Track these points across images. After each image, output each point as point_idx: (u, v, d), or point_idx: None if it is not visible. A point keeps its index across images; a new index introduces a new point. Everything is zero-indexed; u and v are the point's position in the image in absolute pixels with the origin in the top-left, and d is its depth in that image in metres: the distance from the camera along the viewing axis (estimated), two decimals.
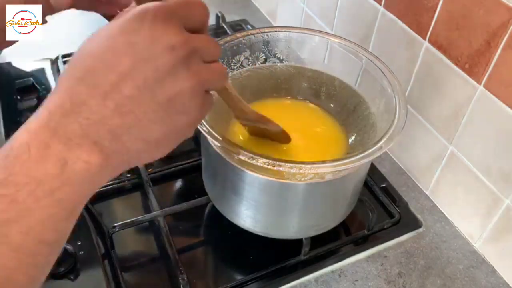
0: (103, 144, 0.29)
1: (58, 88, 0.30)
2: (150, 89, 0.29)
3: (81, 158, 0.28)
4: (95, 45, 0.30)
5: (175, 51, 0.29)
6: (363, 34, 0.69)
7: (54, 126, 0.28)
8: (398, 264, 0.57)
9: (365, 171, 0.53)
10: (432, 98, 0.60)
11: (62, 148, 0.28)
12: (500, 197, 0.54)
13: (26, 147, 0.27)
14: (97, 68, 0.29)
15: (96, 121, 0.28)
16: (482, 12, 0.49)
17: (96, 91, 0.28)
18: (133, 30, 0.29)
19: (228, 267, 0.56)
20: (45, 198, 0.27)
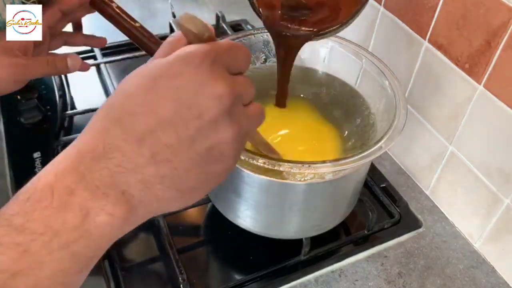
0: (132, 194, 0.27)
1: (92, 127, 0.28)
2: (190, 138, 0.27)
3: (105, 209, 0.26)
4: (136, 85, 0.27)
5: (221, 101, 0.27)
6: (363, 34, 0.69)
7: (83, 171, 0.26)
8: (398, 264, 0.57)
9: (365, 171, 0.53)
10: (432, 98, 0.60)
11: (87, 197, 0.26)
12: (500, 197, 0.54)
13: (50, 191, 0.26)
14: (135, 111, 0.27)
15: (129, 169, 0.26)
16: (482, 12, 0.49)
17: (133, 137, 0.26)
18: (178, 73, 0.27)
19: (228, 267, 0.55)
20: (59, 251, 0.25)
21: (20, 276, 0.24)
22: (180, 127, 0.27)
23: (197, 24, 0.29)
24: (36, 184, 0.26)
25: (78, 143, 0.27)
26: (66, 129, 0.69)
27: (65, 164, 0.26)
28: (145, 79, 0.27)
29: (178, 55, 0.28)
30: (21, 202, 0.25)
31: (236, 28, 0.91)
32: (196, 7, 1.00)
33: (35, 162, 0.63)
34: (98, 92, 0.77)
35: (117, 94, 0.28)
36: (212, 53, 0.28)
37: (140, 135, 0.26)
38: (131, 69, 0.29)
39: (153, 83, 0.27)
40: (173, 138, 0.27)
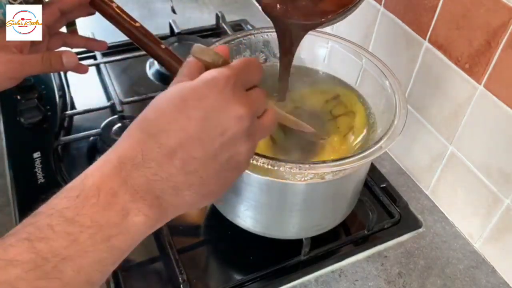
0: (164, 199, 0.31)
1: (131, 137, 0.32)
2: (214, 151, 0.32)
3: (142, 211, 0.30)
4: (168, 105, 0.32)
5: (241, 121, 0.32)
6: (363, 34, 0.69)
7: (124, 177, 0.30)
8: (398, 264, 0.57)
9: (365, 171, 0.53)
10: (432, 98, 0.60)
11: (128, 199, 0.30)
12: (500, 197, 0.54)
13: (97, 191, 0.29)
14: (169, 129, 0.31)
15: (163, 178, 0.31)
16: (482, 12, 0.49)
17: (166, 150, 0.31)
18: (204, 96, 0.31)
19: (228, 267, 0.55)
20: (101, 243, 0.29)
21: (68, 260, 0.28)
22: (207, 143, 0.31)
23: (210, 55, 0.34)
24: (84, 182, 0.30)
25: (119, 149, 0.31)
26: (66, 129, 0.69)
27: (108, 168, 0.30)
28: (176, 100, 0.32)
29: (203, 80, 0.32)
30: (71, 198, 0.29)
31: (236, 28, 0.91)
32: (196, 7, 1.00)
33: (35, 162, 0.63)
34: (98, 92, 0.77)
35: (151, 109, 0.32)
36: (232, 78, 0.32)
37: (172, 149, 0.31)
38: (131, 69, 0.30)
39: (182, 104, 0.31)
40: (200, 152, 0.31)
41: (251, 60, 0.35)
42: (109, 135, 0.66)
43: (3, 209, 0.59)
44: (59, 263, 0.27)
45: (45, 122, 0.70)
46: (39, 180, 0.61)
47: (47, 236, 0.28)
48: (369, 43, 0.68)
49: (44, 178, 0.61)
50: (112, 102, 0.71)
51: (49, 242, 0.27)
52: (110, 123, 0.68)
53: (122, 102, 0.71)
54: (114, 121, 0.68)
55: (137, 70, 0.81)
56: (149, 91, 0.75)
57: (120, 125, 0.67)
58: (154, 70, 0.80)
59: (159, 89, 0.75)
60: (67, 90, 0.75)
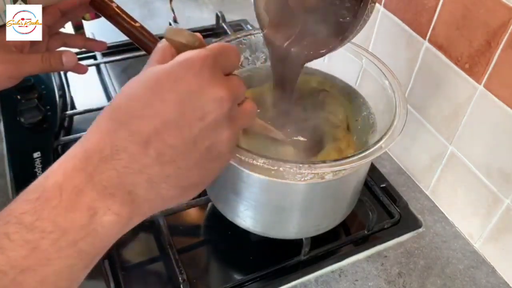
0: (137, 194, 0.28)
1: (98, 127, 0.29)
2: (193, 138, 0.29)
3: (111, 209, 0.27)
4: (141, 89, 0.29)
5: (221, 104, 0.29)
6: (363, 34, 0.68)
7: (91, 172, 0.27)
8: (398, 264, 0.57)
9: (365, 171, 0.53)
10: (432, 98, 0.60)
11: (95, 197, 0.27)
12: (500, 197, 0.54)
13: (59, 191, 0.27)
14: (142, 114, 0.28)
15: (135, 170, 0.28)
16: (482, 12, 0.49)
17: (139, 138, 0.28)
18: (180, 78, 0.28)
19: (228, 267, 0.55)
20: (67, 249, 0.26)
21: (29, 271, 0.25)
22: (184, 129, 0.28)
23: (185, 35, 0.31)
24: (45, 183, 0.27)
25: (85, 143, 0.28)
26: (66, 129, 0.69)
27: (72, 164, 0.27)
28: (149, 83, 0.29)
29: (178, 61, 0.29)
30: (30, 201, 0.26)
31: (236, 28, 0.91)
32: (196, 7, 1.00)
33: (35, 162, 0.63)
34: (98, 92, 0.77)
35: (121, 96, 0.29)
36: (209, 58, 0.29)
37: (146, 137, 0.28)
38: (131, 69, 0.29)
39: (157, 87, 0.28)
40: (177, 139, 0.28)
41: (228, 45, 0.32)
42: None
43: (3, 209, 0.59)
44: (18, 275, 0.25)
45: (45, 122, 0.70)
46: None
47: (3, 246, 0.25)
48: (369, 43, 0.68)
49: None
50: None
51: (6, 252, 0.25)
52: None
53: None
54: None
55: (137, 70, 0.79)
56: None
57: None
58: None
59: None
60: (67, 90, 0.75)
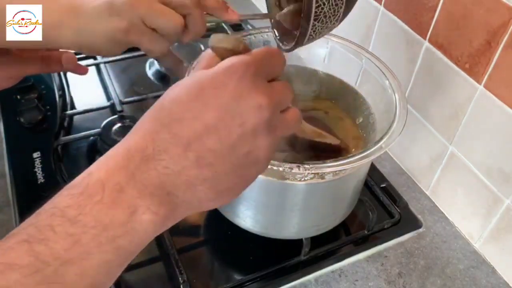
0: (176, 195, 0.29)
1: (141, 127, 0.30)
2: (232, 144, 0.29)
3: (150, 208, 0.28)
4: (184, 93, 0.30)
5: (262, 111, 0.30)
6: (363, 34, 0.69)
7: (133, 170, 0.28)
8: (398, 264, 0.57)
9: (365, 171, 0.53)
10: (432, 98, 0.60)
11: (135, 195, 0.28)
12: (500, 197, 0.54)
13: (101, 187, 0.27)
14: (184, 118, 0.29)
15: (175, 171, 0.28)
16: (482, 11, 0.49)
17: (180, 141, 0.28)
18: (223, 84, 0.29)
19: (228, 267, 0.55)
20: (106, 244, 0.27)
21: (70, 264, 0.26)
22: (224, 134, 0.29)
23: (230, 41, 0.32)
24: (89, 179, 0.28)
25: (128, 142, 0.29)
26: (66, 129, 0.69)
27: (115, 162, 0.28)
28: (192, 88, 0.30)
29: (222, 67, 0.30)
30: (74, 196, 0.27)
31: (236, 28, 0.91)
32: None
33: (35, 162, 0.63)
34: (98, 92, 0.77)
35: (165, 99, 0.30)
36: (252, 65, 0.30)
37: (186, 140, 0.28)
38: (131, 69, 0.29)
39: (199, 92, 0.29)
40: (216, 143, 0.29)
41: (273, 50, 0.33)
42: (109, 135, 0.66)
43: (3, 209, 0.59)
44: (60, 267, 0.25)
45: (45, 122, 0.70)
46: (39, 180, 0.61)
47: (47, 238, 0.26)
48: (369, 43, 0.68)
49: (44, 178, 0.61)
50: (112, 102, 0.71)
51: (49, 244, 0.26)
52: (110, 123, 0.68)
53: (122, 102, 0.71)
54: (114, 121, 0.68)
55: (137, 70, 0.81)
56: (149, 91, 0.75)
57: (120, 125, 0.67)
58: (154, 70, 0.80)
59: (159, 89, 0.76)
60: (67, 90, 0.75)
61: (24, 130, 0.68)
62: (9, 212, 0.58)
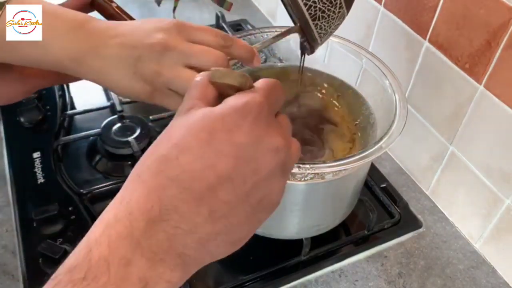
0: (187, 255, 0.26)
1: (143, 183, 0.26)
2: (246, 192, 0.27)
3: (163, 277, 0.25)
4: (193, 139, 0.26)
5: (279, 154, 0.27)
6: (363, 34, 0.69)
7: (138, 237, 0.25)
8: (398, 264, 0.57)
9: (365, 171, 0.53)
10: (432, 98, 0.60)
11: (144, 265, 0.25)
12: (500, 197, 0.54)
13: (106, 265, 0.24)
14: (194, 168, 0.26)
15: (186, 230, 0.25)
16: (482, 11, 0.49)
17: (191, 196, 0.25)
18: (236, 126, 0.26)
19: (228, 267, 0.55)
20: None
21: None
22: (238, 183, 0.26)
23: (235, 77, 0.29)
24: (90, 257, 0.24)
25: (128, 202, 0.26)
26: (66, 129, 0.69)
27: (117, 231, 0.25)
28: (201, 132, 0.26)
29: (233, 107, 0.27)
30: (77, 282, 0.24)
31: (236, 28, 0.91)
32: (196, 7, 1.00)
33: (35, 162, 0.63)
34: (98, 92, 0.77)
35: (168, 146, 0.27)
36: (265, 104, 0.28)
37: (198, 193, 0.26)
38: None
39: (210, 137, 0.26)
40: (231, 194, 0.26)
41: (277, 82, 0.30)
42: (109, 135, 0.66)
43: (3, 209, 0.59)
44: None
45: (45, 122, 0.70)
46: (39, 180, 0.61)
47: None
48: (369, 43, 0.68)
49: (44, 178, 0.61)
50: (112, 102, 0.71)
51: None
52: (110, 123, 0.68)
53: (122, 102, 0.71)
54: (114, 121, 0.68)
55: None
56: None
57: (120, 125, 0.67)
58: None
59: None
60: (67, 90, 0.75)
61: (24, 130, 0.68)
62: (9, 212, 0.58)
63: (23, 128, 0.68)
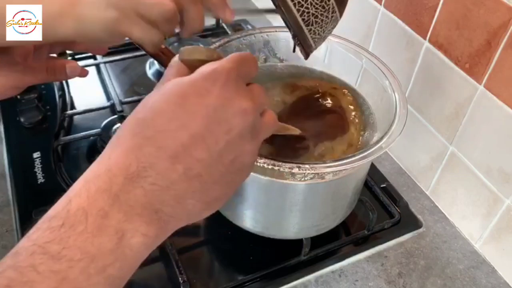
0: (164, 211, 0.28)
1: (122, 143, 0.28)
2: (219, 152, 0.28)
3: (139, 230, 0.27)
4: (166, 103, 0.28)
5: (247, 115, 0.29)
6: (363, 34, 0.69)
7: (116, 192, 0.26)
8: (398, 264, 0.57)
9: (365, 171, 0.53)
10: (432, 98, 0.60)
11: (121, 218, 0.26)
12: (500, 197, 0.54)
13: (84, 215, 0.25)
14: (168, 128, 0.27)
15: (163, 187, 0.27)
16: (482, 11, 0.49)
17: (166, 154, 0.27)
18: (206, 91, 0.28)
19: (228, 267, 0.55)
20: (96, 276, 0.25)
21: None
22: (211, 142, 0.28)
23: (202, 51, 0.31)
24: (68, 207, 0.26)
25: (107, 160, 0.27)
26: (66, 129, 0.69)
27: (96, 185, 0.26)
28: (173, 97, 0.28)
29: (203, 73, 0.29)
30: (54, 229, 0.25)
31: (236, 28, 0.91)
32: None
33: (35, 162, 0.63)
34: (98, 92, 0.77)
35: (145, 110, 0.29)
36: (233, 70, 0.30)
37: (173, 151, 0.27)
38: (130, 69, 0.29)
39: (183, 100, 0.28)
40: (204, 153, 0.28)
41: (247, 54, 0.33)
42: (109, 135, 0.66)
43: (3, 209, 0.59)
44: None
45: (45, 122, 0.70)
46: (39, 180, 0.61)
47: (31, 280, 0.23)
48: (369, 43, 0.68)
49: (44, 178, 0.61)
50: (112, 102, 0.71)
51: (34, 285, 0.23)
52: (110, 123, 0.68)
53: (122, 102, 0.71)
54: (114, 121, 0.68)
55: (137, 70, 0.81)
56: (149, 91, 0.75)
57: (120, 125, 0.67)
58: (154, 70, 0.80)
59: None
60: (67, 90, 0.75)
61: (24, 130, 0.68)
62: (9, 212, 0.58)
63: (23, 128, 0.68)
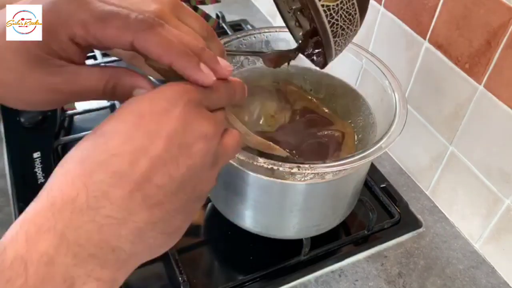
0: (123, 249, 0.24)
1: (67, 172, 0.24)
2: (181, 177, 0.25)
3: (92, 275, 0.22)
4: (119, 123, 0.25)
5: (208, 141, 0.26)
6: (363, 34, 0.69)
7: (62, 230, 0.22)
8: (398, 264, 0.57)
9: (365, 171, 0.53)
10: (432, 98, 0.60)
11: (70, 262, 0.22)
12: (500, 197, 0.54)
13: (22, 265, 0.21)
14: (123, 151, 0.24)
15: (119, 219, 0.23)
16: (482, 12, 0.49)
17: (122, 180, 0.23)
18: (166, 111, 0.25)
19: (228, 267, 0.55)
20: None
21: None
22: (172, 167, 0.25)
23: None
24: (3, 258, 0.21)
25: (50, 192, 0.23)
26: (66, 129, 0.69)
27: (37, 225, 0.22)
28: (130, 116, 0.25)
29: (164, 92, 0.26)
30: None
31: (236, 28, 0.91)
32: None
33: (35, 162, 0.63)
34: None
35: (95, 135, 0.25)
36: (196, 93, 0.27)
37: (130, 177, 0.23)
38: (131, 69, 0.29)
39: (140, 120, 0.25)
40: (165, 178, 0.25)
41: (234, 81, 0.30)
42: None
43: (3, 209, 0.59)
44: None
45: (45, 122, 0.70)
46: (39, 180, 0.61)
47: None
48: (369, 43, 0.68)
49: (44, 178, 0.61)
50: (112, 102, 0.71)
51: None
52: None
53: None
54: None
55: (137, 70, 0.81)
56: None
57: None
58: None
59: None
60: None
61: (24, 130, 0.68)
62: (9, 212, 0.58)
63: (23, 128, 0.68)
